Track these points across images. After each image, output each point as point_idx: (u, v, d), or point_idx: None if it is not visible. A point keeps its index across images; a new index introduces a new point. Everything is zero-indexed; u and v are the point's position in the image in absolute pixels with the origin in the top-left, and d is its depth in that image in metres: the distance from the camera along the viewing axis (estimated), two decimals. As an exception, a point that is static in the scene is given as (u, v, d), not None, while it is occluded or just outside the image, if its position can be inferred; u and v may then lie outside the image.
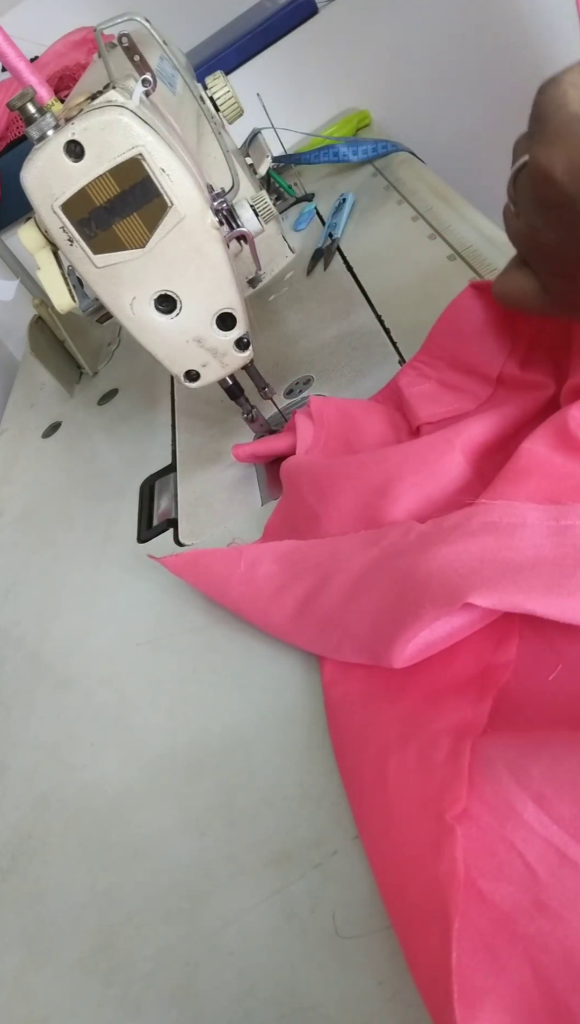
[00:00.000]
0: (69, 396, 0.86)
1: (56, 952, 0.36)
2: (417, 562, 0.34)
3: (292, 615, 0.39)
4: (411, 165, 0.80)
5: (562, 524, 0.32)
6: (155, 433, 0.68)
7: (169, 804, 0.39)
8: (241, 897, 0.33)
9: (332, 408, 0.50)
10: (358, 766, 0.33)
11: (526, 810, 0.26)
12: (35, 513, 0.70)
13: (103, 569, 0.57)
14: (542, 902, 0.24)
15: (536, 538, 0.32)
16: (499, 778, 0.27)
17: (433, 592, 0.31)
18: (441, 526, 0.35)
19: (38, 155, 0.39)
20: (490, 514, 0.33)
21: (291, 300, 0.72)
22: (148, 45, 0.46)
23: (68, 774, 0.44)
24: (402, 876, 0.28)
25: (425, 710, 0.32)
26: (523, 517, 0.33)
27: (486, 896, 0.25)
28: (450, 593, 0.31)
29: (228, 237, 0.44)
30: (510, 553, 0.31)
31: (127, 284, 0.44)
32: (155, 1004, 0.32)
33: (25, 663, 0.54)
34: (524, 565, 0.31)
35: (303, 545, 0.41)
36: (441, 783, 0.28)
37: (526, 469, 0.34)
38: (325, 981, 0.29)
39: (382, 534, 0.38)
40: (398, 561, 0.35)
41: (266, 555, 0.42)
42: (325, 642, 0.37)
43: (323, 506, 0.43)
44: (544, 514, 0.33)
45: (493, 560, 0.31)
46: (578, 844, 0.24)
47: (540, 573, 0.30)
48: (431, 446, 0.41)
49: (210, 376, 0.49)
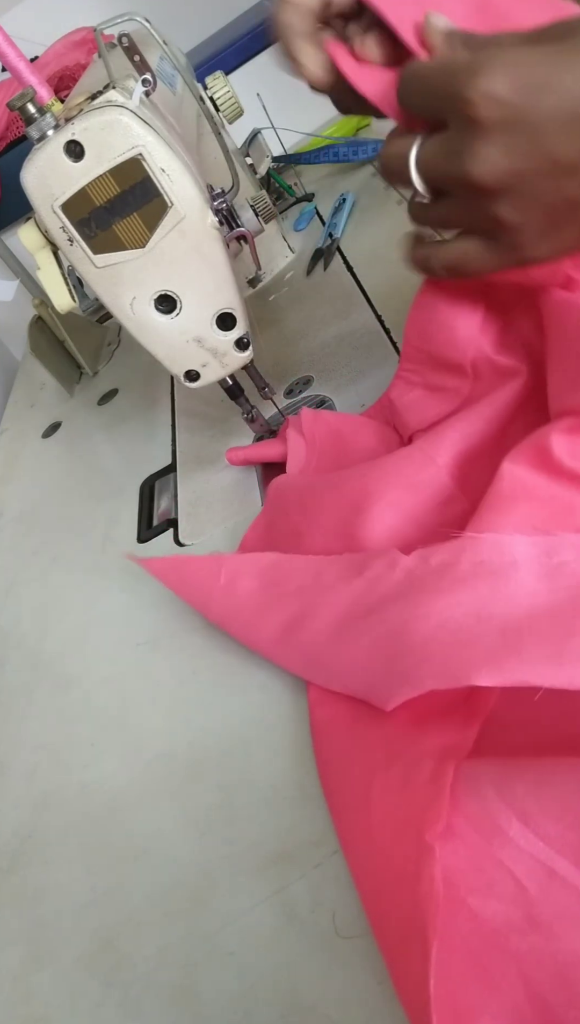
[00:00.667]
0: (69, 396, 0.86)
1: (56, 952, 0.36)
2: (410, 617, 0.32)
3: (275, 639, 0.38)
4: (411, 165, 0.80)
5: (554, 562, 0.31)
6: (155, 433, 0.68)
7: (169, 804, 0.39)
8: (241, 897, 0.33)
9: (322, 427, 0.50)
10: (342, 787, 0.33)
11: (511, 827, 0.25)
12: (35, 513, 0.70)
13: (103, 569, 0.57)
14: (533, 918, 0.24)
15: (530, 582, 0.30)
16: (484, 795, 0.27)
17: (433, 664, 0.30)
18: (428, 563, 0.33)
19: (38, 155, 0.39)
20: (479, 551, 0.32)
21: (291, 300, 0.72)
22: (148, 45, 0.46)
23: (68, 774, 0.44)
24: (385, 898, 0.28)
25: (411, 732, 0.32)
26: (512, 554, 0.31)
27: (477, 913, 0.25)
28: (452, 672, 0.30)
29: (228, 237, 0.44)
30: (506, 606, 0.30)
31: (127, 284, 0.44)
32: (155, 1004, 0.32)
33: (25, 663, 0.54)
34: (522, 625, 0.29)
35: (284, 560, 0.41)
36: (423, 803, 0.28)
37: (510, 494, 0.33)
38: (325, 981, 0.29)
39: (365, 563, 0.37)
40: (387, 610, 0.34)
41: (246, 568, 0.41)
42: (312, 674, 0.37)
43: (306, 523, 0.42)
44: (534, 548, 0.31)
45: (489, 618, 0.30)
46: (565, 859, 0.24)
47: (539, 634, 0.29)
48: (410, 460, 0.40)
49: (210, 376, 0.49)
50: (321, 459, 0.49)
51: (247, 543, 0.47)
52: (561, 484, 0.33)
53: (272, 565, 0.41)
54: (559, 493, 0.33)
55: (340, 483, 0.42)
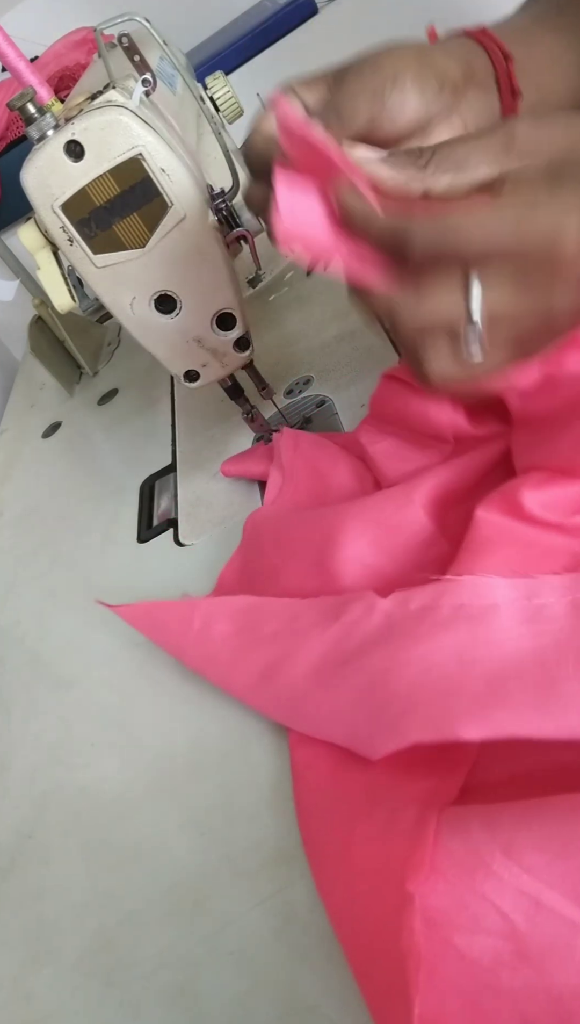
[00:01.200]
0: (69, 396, 0.86)
1: (56, 952, 0.36)
2: (393, 664, 0.32)
3: (253, 686, 0.38)
4: (411, 165, 0.80)
5: (535, 604, 0.30)
6: (155, 433, 0.68)
7: (169, 804, 0.39)
8: (241, 897, 0.33)
9: (300, 458, 0.49)
10: (322, 834, 0.32)
11: (494, 860, 0.25)
12: (35, 513, 0.70)
13: (103, 569, 0.57)
14: (523, 952, 0.23)
15: (512, 626, 0.30)
16: (469, 831, 0.26)
17: (418, 716, 0.30)
18: (407, 607, 0.33)
19: (38, 155, 0.39)
20: (459, 595, 0.31)
21: (291, 300, 0.72)
22: (148, 45, 0.46)
23: (68, 774, 0.44)
24: (367, 952, 0.27)
25: (394, 777, 0.31)
26: (492, 597, 0.31)
27: (464, 953, 0.24)
28: (438, 724, 0.29)
29: (228, 237, 0.44)
30: (488, 650, 0.30)
31: (127, 284, 0.44)
32: (155, 1004, 0.32)
33: (25, 663, 0.54)
34: (507, 670, 0.29)
35: (259, 604, 0.40)
36: (404, 851, 0.27)
37: (488, 539, 0.33)
38: (325, 981, 0.29)
39: (341, 606, 0.36)
40: (368, 657, 0.33)
41: (221, 612, 0.41)
42: (293, 721, 0.36)
43: (282, 560, 0.42)
44: (514, 591, 0.31)
45: (472, 663, 0.30)
46: (551, 890, 0.24)
47: (526, 682, 0.28)
48: (389, 499, 0.39)
49: (210, 376, 0.49)
50: (296, 492, 0.48)
51: (223, 581, 0.47)
52: (537, 529, 0.33)
53: (247, 608, 0.40)
54: (536, 538, 0.32)
55: (316, 520, 0.41)
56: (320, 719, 0.35)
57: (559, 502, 0.33)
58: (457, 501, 0.38)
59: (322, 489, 0.47)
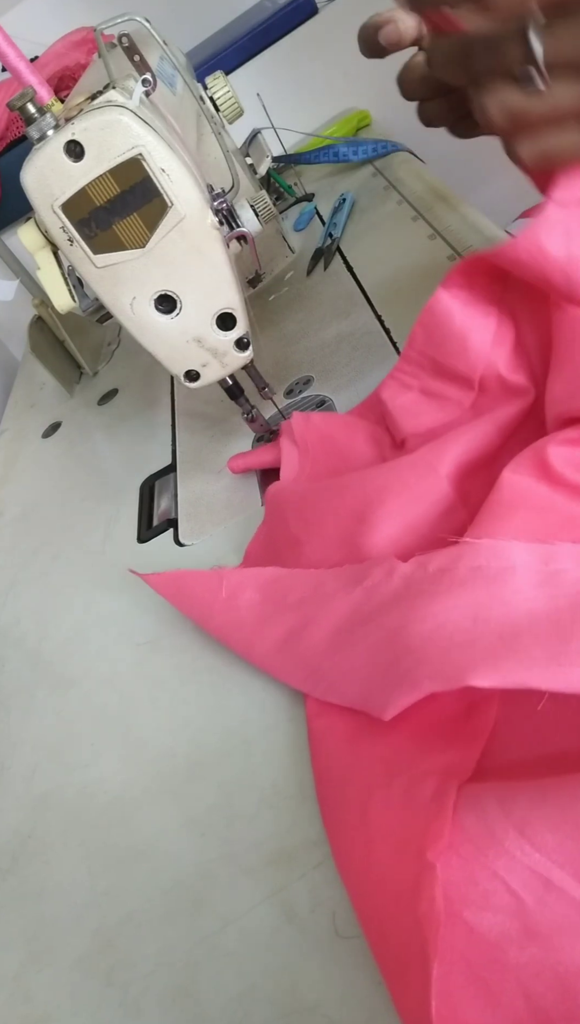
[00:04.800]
0: (69, 396, 0.86)
1: (56, 952, 0.36)
2: (407, 621, 0.32)
3: (274, 651, 0.38)
4: (411, 165, 0.80)
5: (551, 568, 0.31)
6: (155, 433, 0.68)
7: (169, 804, 0.39)
8: (241, 897, 0.33)
9: (314, 432, 0.49)
10: (340, 803, 0.32)
11: (507, 838, 0.25)
12: (35, 513, 0.70)
13: (103, 569, 0.57)
14: (531, 929, 0.24)
15: (527, 588, 0.30)
16: (485, 807, 0.26)
17: (431, 666, 0.30)
18: (426, 568, 0.33)
19: (38, 155, 0.39)
20: (477, 557, 0.32)
21: (291, 300, 0.72)
22: (148, 45, 0.46)
23: (68, 774, 0.44)
24: (383, 917, 0.27)
25: (412, 749, 0.32)
26: (510, 559, 0.31)
27: (473, 927, 0.24)
28: (449, 671, 0.30)
29: (228, 237, 0.44)
30: (503, 609, 0.30)
31: (127, 284, 0.44)
32: (155, 1004, 0.32)
33: (25, 663, 0.54)
34: (520, 627, 0.29)
35: (285, 575, 0.40)
36: (424, 822, 0.27)
37: (510, 502, 0.33)
38: (325, 981, 0.29)
39: (364, 572, 0.36)
40: (385, 616, 0.34)
41: (248, 582, 0.41)
42: (311, 685, 0.37)
43: (306, 533, 0.42)
44: (532, 555, 0.31)
45: (487, 621, 0.30)
46: (562, 870, 0.24)
47: (538, 637, 0.29)
48: (412, 468, 0.40)
49: (210, 376, 0.49)
50: (315, 465, 0.48)
51: (250, 553, 0.47)
52: (560, 494, 0.33)
53: (274, 579, 0.41)
54: (558, 504, 0.33)
55: (339, 491, 0.41)
56: (336, 680, 0.35)
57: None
58: (481, 466, 0.39)
59: (339, 457, 0.47)
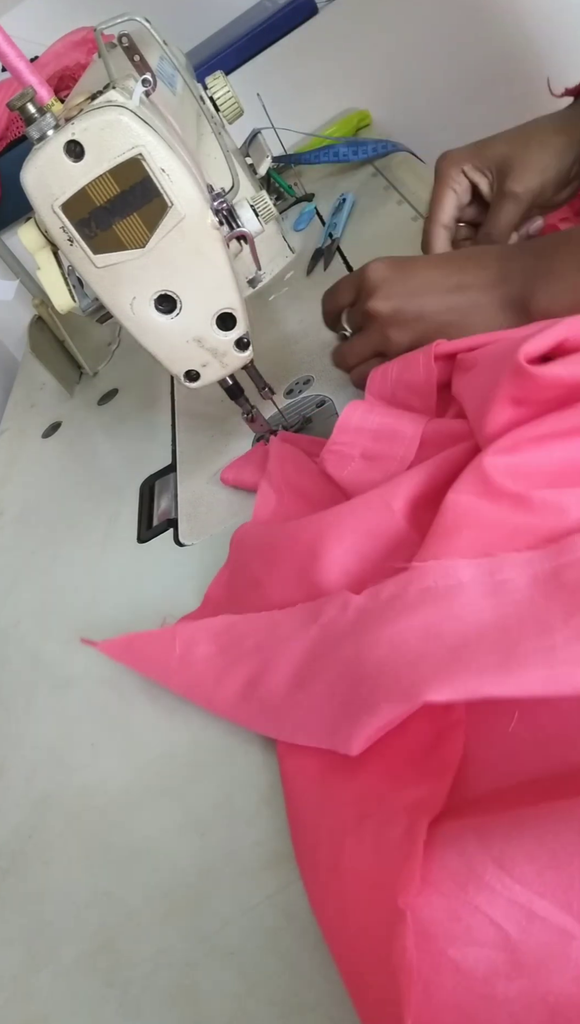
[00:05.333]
0: (69, 396, 0.86)
1: (56, 952, 0.36)
2: (362, 649, 0.32)
3: (236, 701, 0.38)
4: (411, 165, 0.80)
5: (497, 579, 0.31)
6: (155, 433, 0.68)
7: (169, 804, 0.39)
8: (241, 897, 0.33)
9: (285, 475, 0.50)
10: (313, 849, 0.32)
11: (487, 872, 0.25)
12: (35, 513, 0.70)
13: (103, 569, 0.57)
14: (518, 961, 0.23)
15: (475, 600, 0.31)
16: (464, 843, 0.26)
17: (386, 687, 0.30)
18: (378, 598, 0.34)
19: (38, 155, 0.39)
20: (425, 579, 0.32)
21: (291, 300, 0.72)
22: (148, 45, 0.46)
23: (68, 774, 0.44)
24: (362, 970, 0.27)
25: (382, 786, 0.31)
26: (457, 576, 0.32)
27: (459, 965, 0.24)
28: (404, 689, 0.30)
29: (228, 237, 0.44)
30: (453, 624, 0.30)
31: (127, 284, 0.44)
32: (155, 1004, 0.32)
33: (25, 663, 0.54)
34: (470, 638, 0.30)
35: (239, 621, 0.40)
36: (395, 865, 0.27)
37: (455, 523, 0.33)
38: (325, 981, 0.29)
39: (319, 609, 0.36)
40: (341, 647, 0.34)
41: (201, 635, 0.41)
42: (276, 730, 0.36)
43: (266, 574, 0.42)
44: (478, 569, 0.32)
45: (438, 636, 0.30)
46: (543, 899, 0.24)
47: (488, 646, 0.29)
48: (367, 505, 0.40)
49: (210, 376, 0.49)
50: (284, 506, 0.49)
51: (210, 596, 0.47)
52: (503, 508, 0.33)
53: (227, 627, 0.40)
54: (502, 517, 0.33)
55: (298, 531, 0.41)
56: (300, 721, 0.35)
57: (521, 470, 0.33)
58: (432, 499, 0.38)
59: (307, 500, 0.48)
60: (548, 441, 0.33)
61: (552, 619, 0.29)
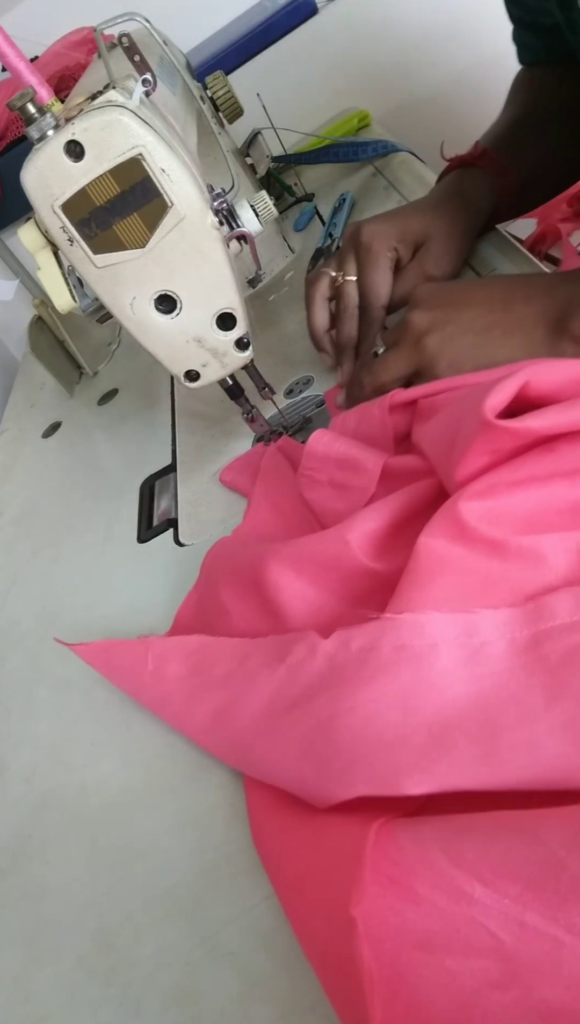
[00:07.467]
0: (69, 396, 0.86)
1: (56, 952, 0.36)
2: (337, 712, 0.32)
3: (205, 729, 0.38)
4: (411, 165, 0.80)
5: (475, 643, 0.30)
6: (155, 433, 0.68)
7: (169, 804, 0.39)
8: (241, 897, 0.33)
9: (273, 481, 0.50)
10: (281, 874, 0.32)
11: (475, 891, 0.25)
12: (35, 513, 0.70)
13: (103, 569, 0.57)
14: (512, 971, 0.24)
15: (453, 669, 0.30)
16: (435, 863, 0.26)
17: (364, 770, 0.30)
18: (349, 647, 0.33)
19: (38, 155, 0.39)
20: (399, 634, 0.31)
21: (291, 300, 0.72)
22: (148, 45, 0.46)
23: (68, 774, 0.44)
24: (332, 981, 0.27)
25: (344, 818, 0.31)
26: (432, 635, 0.31)
27: (455, 976, 0.24)
28: (384, 776, 0.30)
29: (228, 237, 0.44)
30: (431, 697, 0.30)
31: (127, 284, 0.44)
32: (155, 1004, 0.32)
33: (25, 663, 0.54)
34: (449, 719, 0.29)
35: (210, 644, 0.40)
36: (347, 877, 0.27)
37: (427, 570, 0.33)
38: (325, 981, 0.29)
39: (286, 647, 0.36)
40: (313, 703, 0.33)
41: (174, 652, 0.41)
42: (245, 767, 0.37)
43: (234, 602, 0.42)
44: (454, 628, 0.31)
45: (416, 711, 0.30)
46: (533, 912, 0.24)
47: (469, 733, 0.29)
48: (324, 542, 0.39)
49: (210, 376, 0.49)
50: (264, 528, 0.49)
51: (180, 620, 0.47)
52: (477, 554, 0.32)
53: (199, 649, 0.40)
54: (476, 564, 0.32)
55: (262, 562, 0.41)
56: (269, 766, 0.35)
57: (497, 514, 0.32)
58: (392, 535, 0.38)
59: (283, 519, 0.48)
60: (524, 485, 0.32)
61: (534, 703, 0.29)
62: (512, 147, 0.60)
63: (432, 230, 0.54)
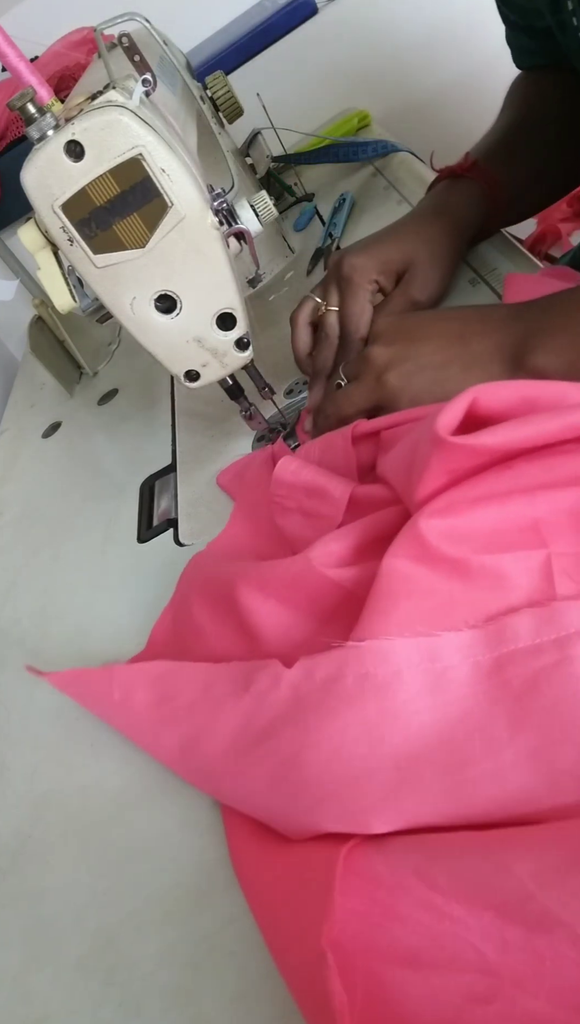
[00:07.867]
0: (69, 396, 0.86)
1: (56, 952, 0.36)
2: (303, 746, 0.32)
3: (175, 758, 0.38)
4: (411, 165, 0.80)
5: (437, 668, 0.30)
6: (155, 433, 0.68)
7: (169, 804, 0.39)
8: (241, 897, 0.33)
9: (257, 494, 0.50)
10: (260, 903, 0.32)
11: (454, 910, 0.26)
12: (35, 513, 0.70)
13: (103, 569, 0.57)
14: (496, 986, 0.24)
15: (417, 697, 0.30)
16: (412, 888, 0.27)
17: (332, 808, 0.31)
18: (313, 677, 0.33)
19: (38, 155, 0.39)
20: (362, 663, 0.31)
21: (291, 300, 0.72)
22: (148, 45, 0.46)
23: (68, 774, 0.44)
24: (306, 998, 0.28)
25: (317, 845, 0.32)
26: (396, 663, 0.30)
27: (440, 991, 0.25)
28: (352, 813, 0.30)
29: (227, 233, 0.44)
30: (396, 728, 0.30)
31: (127, 284, 0.44)
32: (155, 1004, 0.32)
33: (25, 663, 0.54)
34: (415, 751, 0.29)
35: (174, 670, 0.40)
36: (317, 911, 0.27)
37: (390, 592, 0.32)
38: (325, 981, 0.29)
39: (250, 675, 0.36)
40: (278, 735, 0.33)
41: (138, 681, 0.41)
42: (217, 794, 0.37)
43: (210, 623, 0.42)
44: (417, 653, 0.31)
45: (381, 743, 0.30)
46: (513, 927, 0.24)
47: (434, 767, 0.29)
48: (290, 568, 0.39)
49: (210, 376, 0.49)
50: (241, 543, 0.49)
51: (155, 639, 0.47)
52: (439, 574, 0.32)
53: (163, 675, 0.40)
54: (438, 585, 0.32)
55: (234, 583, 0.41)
56: (240, 797, 0.35)
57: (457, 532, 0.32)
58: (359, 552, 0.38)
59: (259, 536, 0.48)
60: (484, 503, 0.32)
61: (499, 733, 0.29)
62: (504, 157, 0.59)
63: (414, 256, 0.54)
